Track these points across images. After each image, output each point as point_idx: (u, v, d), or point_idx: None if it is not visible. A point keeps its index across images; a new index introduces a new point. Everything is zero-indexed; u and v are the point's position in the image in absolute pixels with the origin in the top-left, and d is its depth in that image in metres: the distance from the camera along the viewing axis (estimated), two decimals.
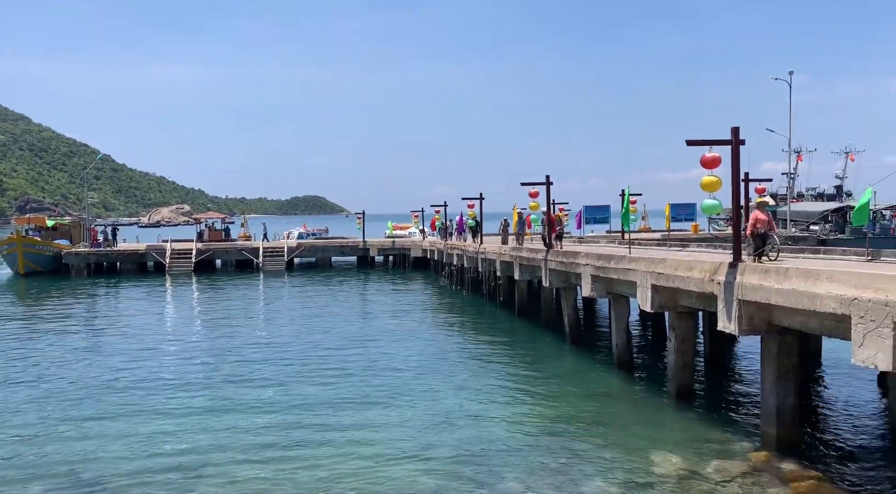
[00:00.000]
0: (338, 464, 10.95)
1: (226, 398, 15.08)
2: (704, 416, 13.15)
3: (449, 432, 12.51)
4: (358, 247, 51.01)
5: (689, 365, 14.63)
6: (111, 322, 26.76)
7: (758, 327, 11.34)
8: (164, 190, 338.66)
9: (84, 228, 53.43)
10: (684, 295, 13.99)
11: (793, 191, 58.92)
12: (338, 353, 19.85)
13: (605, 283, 17.76)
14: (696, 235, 44.25)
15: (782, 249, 18.32)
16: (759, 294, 10.85)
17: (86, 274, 45.50)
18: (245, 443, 12.04)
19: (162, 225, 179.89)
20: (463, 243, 35.98)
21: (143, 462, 11.22)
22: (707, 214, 15.26)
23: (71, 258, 46.38)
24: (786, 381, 11.20)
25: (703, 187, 12.64)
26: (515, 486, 9.99)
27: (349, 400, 14.83)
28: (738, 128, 12.24)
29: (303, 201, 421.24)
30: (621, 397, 15.06)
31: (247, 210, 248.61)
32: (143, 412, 14.11)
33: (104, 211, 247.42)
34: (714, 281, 12.13)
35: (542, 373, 17.29)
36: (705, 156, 12.54)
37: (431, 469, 10.67)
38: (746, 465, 10.49)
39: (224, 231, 54.32)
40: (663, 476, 10.18)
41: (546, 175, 23.28)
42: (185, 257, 47.35)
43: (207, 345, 21.52)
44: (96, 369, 18.16)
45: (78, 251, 47.31)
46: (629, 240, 21.35)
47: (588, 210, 45.27)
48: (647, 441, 11.78)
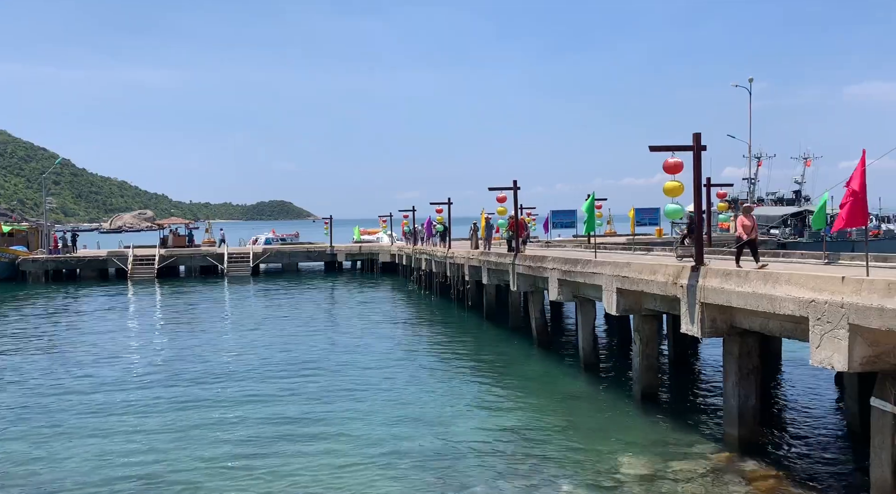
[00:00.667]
0: (302, 471, 10.82)
1: (188, 407, 14.78)
2: (669, 418, 13.33)
3: (416, 437, 12.45)
4: (325, 252, 50.62)
5: (654, 368, 14.82)
6: (68, 330, 26.06)
7: (720, 329, 11.54)
8: (127, 195, 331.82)
9: (42, 234, 52.00)
10: (648, 298, 14.17)
11: (753, 196, 60.29)
12: (304, 360, 19.63)
13: (572, 287, 17.91)
14: (660, 239, 44.98)
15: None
16: (721, 297, 11.05)
17: (44, 282, 44.32)
18: (208, 452, 11.80)
19: (124, 230, 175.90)
20: (431, 248, 35.97)
21: (101, 473, 10.91)
22: (670, 219, 15.50)
23: (28, 265, 45.12)
24: (747, 382, 11.41)
25: (666, 192, 12.84)
26: (482, 491, 9.98)
27: (314, 406, 14.67)
28: (700, 134, 12.47)
29: (269, 206, 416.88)
30: (588, 399, 15.18)
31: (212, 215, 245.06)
32: (102, 423, 13.74)
33: (64, 216, 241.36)
34: (677, 284, 12.32)
35: (509, 377, 17.34)
36: (668, 162, 12.74)
37: (398, 475, 10.61)
38: (709, 466, 10.65)
39: (188, 236, 53.39)
40: (628, 478, 10.27)
41: (513, 180, 23.43)
42: (147, 263, 46.42)
43: (170, 353, 21.08)
44: (52, 380, 17.65)
45: (35, 257, 46.05)
46: (595, 244, 21.58)
47: (555, 214, 45.70)
48: (612, 443, 11.89)
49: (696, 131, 12.44)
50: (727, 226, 49.55)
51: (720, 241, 36.83)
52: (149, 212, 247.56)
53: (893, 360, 8.47)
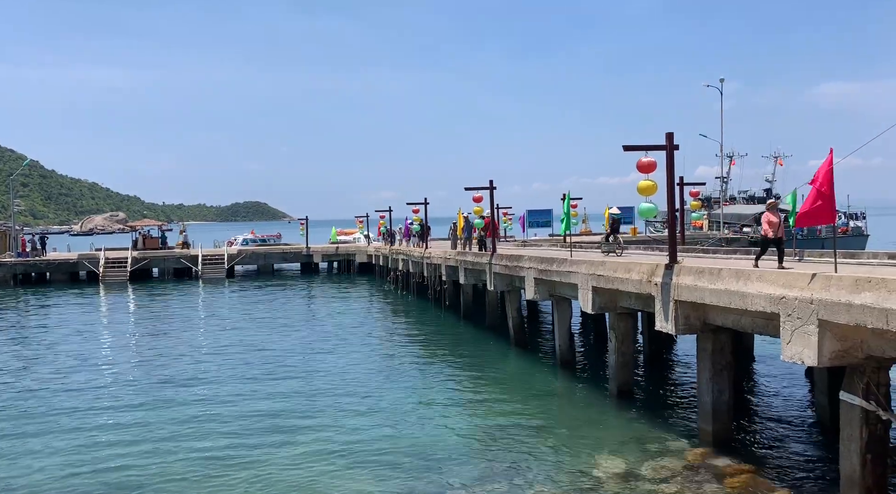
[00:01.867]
0: (280, 474, 10.71)
1: (163, 412, 14.56)
2: (644, 415, 13.45)
3: (393, 437, 12.41)
4: (301, 253, 50.26)
5: (629, 365, 14.95)
6: (38, 334, 25.52)
7: (693, 326, 11.67)
8: (98, 197, 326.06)
9: (10, 237, 50.87)
10: (623, 296, 14.29)
11: (725, 195, 61.15)
12: (279, 361, 19.46)
13: (548, 286, 18.00)
14: (634, 238, 45.40)
15: (716, 251, 18.99)
16: (694, 294, 11.18)
17: (12, 285, 43.39)
18: (185, 458, 11.63)
19: (95, 233, 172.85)
20: (408, 248, 35.91)
21: (73, 481, 10.70)
22: (644, 217, 15.67)
23: None
24: (720, 378, 11.56)
25: (640, 191, 12.96)
26: (460, 490, 9.98)
27: (291, 408, 14.54)
28: (673, 133, 12.59)
29: (243, 207, 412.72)
30: (564, 397, 15.27)
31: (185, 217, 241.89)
32: (74, 427, 13.47)
33: (33, 219, 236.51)
34: (651, 282, 12.44)
35: (486, 376, 17.37)
36: (641, 161, 12.85)
37: (374, 476, 10.56)
38: (684, 462, 10.77)
39: (161, 239, 52.64)
40: (604, 475, 10.34)
41: (489, 179, 23.48)
42: (119, 266, 45.68)
43: (143, 356, 20.76)
44: (21, 384, 17.26)
45: (3, 261, 45.04)
46: (570, 243, 21.71)
47: (531, 214, 45.90)
48: (589, 441, 11.96)
49: (668, 131, 12.58)
50: (700, 223, 50.22)
51: (693, 239, 37.29)
52: (121, 214, 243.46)
53: (861, 355, 8.64)
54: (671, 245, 12.66)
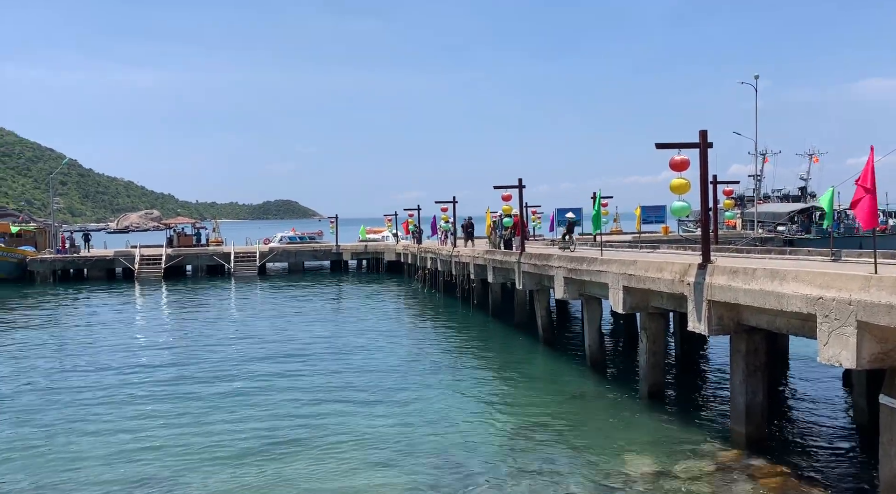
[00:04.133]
0: (309, 472, 10.82)
1: (197, 407, 14.83)
2: (675, 416, 13.30)
3: (421, 435, 12.46)
4: (331, 251, 50.70)
5: (661, 366, 14.79)
6: (76, 330, 26.18)
7: (727, 327, 11.50)
8: (133, 195, 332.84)
9: (50, 234, 52.27)
10: (655, 296, 14.14)
11: (759, 193, 60.09)
12: (310, 359, 19.67)
13: (578, 285, 17.88)
14: (666, 237, 44.86)
15: (750, 250, 18.68)
16: (728, 294, 11.01)
17: (51, 282, 44.56)
18: (216, 452, 11.83)
19: (131, 230, 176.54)
20: (437, 246, 35.99)
21: (108, 474, 10.96)
22: (676, 216, 15.48)
23: (36, 265, 45.36)
24: (754, 380, 11.37)
25: (673, 189, 12.80)
26: (488, 491, 9.98)
27: (321, 406, 14.67)
28: (706, 131, 12.42)
29: (274, 205, 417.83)
30: (594, 398, 15.17)
31: (218, 215, 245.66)
32: (112, 422, 13.80)
33: (71, 217, 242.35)
34: (684, 282, 12.29)
35: (515, 374, 17.34)
36: (674, 159, 12.70)
37: (402, 473, 10.61)
38: (716, 464, 10.62)
39: (195, 236, 53.57)
40: (635, 476, 10.26)
41: (518, 178, 23.38)
42: (154, 263, 46.59)
43: (178, 353, 21.16)
44: (59, 378, 17.74)
45: (43, 257, 46.29)
46: (601, 242, 21.55)
47: (560, 213, 45.53)
48: (619, 441, 11.87)
49: (701, 129, 12.41)
50: (733, 223, 49.43)
51: (726, 239, 36.71)
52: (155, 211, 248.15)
53: None
54: (704, 244, 12.49)
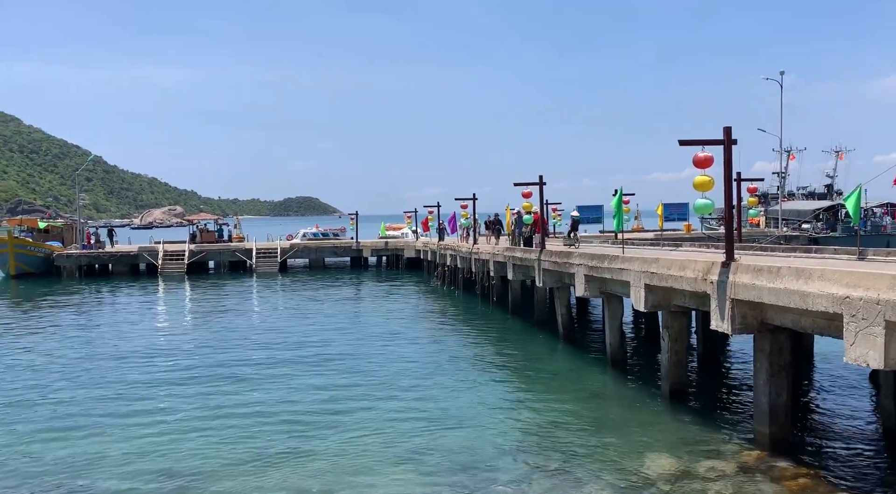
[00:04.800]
0: (324, 465, 10.88)
1: (219, 402, 14.98)
2: (698, 415, 13.18)
3: (441, 432, 12.47)
4: (351, 247, 50.93)
5: (683, 364, 14.65)
6: (100, 324, 26.59)
7: (750, 326, 11.36)
8: (157, 191, 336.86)
9: (76, 230, 53.13)
10: (677, 294, 14.01)
11: (784, 191, 59.26)
12: (328, 355, 19.78)
13: (599, 283, 17.78)
14: (688, 235, 44.41)
15: (774, 248, 18.42)
16: (752, 293, 10.88)
17: (77, 276, 45.27)
18: (238, 447, 11.95)
19: (154, 226, 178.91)
20: (456, 243, 35.98)
21: (135, 466, 11.13)
22: (699, 214, 15.32)
23: (62, 260, 46.13)
24: (778, 379, 11.22)
25: (696, 187, 12.66)
26: (508, 489, 9.96)
27: (337, 400, 14.75)
28: (731, 127, 12.27)
29: (296, 202, 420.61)
30: (615, 396, 15.07)
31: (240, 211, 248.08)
32: (134, 416, 14.00)
33: (96, 212, 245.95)
34: (707, 280, 12.16)
35: (535, 372, 17.29)
36: (698, 156, 12.56)
37: (422, 471, 10.62)
38: (739, 465, 10.50)
39: (218, 232, 54.13)
40: (656, 477, 10.18)
41: (539, 175, 23.28)
42: (177, 258, 47.15)
43: (200, 348, 21.41)
44: (84, 373, 18.03)
45: (69, 253, 47.05)
46: (622, 239, 21.39)
47: (581, 210, 45.32)
48: (640, 441, 11.79)
49: (725, 125, 12.25)
50: (757, 220, 48.79)
51: (750, 237, 36.25)
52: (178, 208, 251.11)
53: None
54: (728, 242, 12.35)
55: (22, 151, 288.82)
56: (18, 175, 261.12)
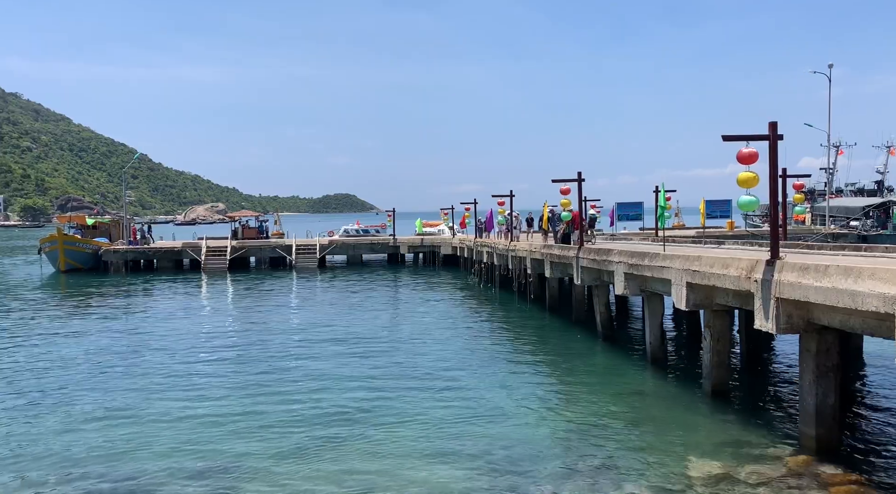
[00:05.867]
0: (365, 463, 10.94)
1: (259, 392, 15.24)
2: (741, 416, 12.91)
3: (479, 431, 12.46)
4: (388, 244, 51.25)
5: (725, 364, 14.37)
6: (146, 317, 27.30)
7: (796, 325, 11.07)
8: (200, 188, 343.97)
9: (122, 226, 54.66)
10: (720, 292, 13.74)
11: (831, 187, 57.60)
12: (365, 350, 19.94)
13: (639, 281, 17.54)
14: (731, 232, 43.50)
15: (821, 247, 17.92)
16: (798, 292, 10.60)
17: (124, 272, 46.55)
18: (277, 437, 12.14)
19: (197, 223, 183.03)
20: (493, 240, 35.91)
21: (177, 454, 11.40)
22: (744, 211, 14.96)
23: (109, 255, 47.49)
24: (825, 381, 10.92)
25: (740, 183, 12.38)
26: (546, 488, 9.91)
27: (374, 396, 14.83)
28: (776, 122, 11.97)
29: (334, 199, 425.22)
30: (655, 395, 14.87)
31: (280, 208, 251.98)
32: (178, 404, 14.33)
33: (141, 209, 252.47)
34: (751, 278, 11.89)
35: (573, 370, 17.16)
36: (742, 152, 12.28)
37: (460, 469, 10.61)
38: (784, 468, 10.26)
39: (259, 228, 55.07)
40: (698, 478, 10.01)
41: (578, 171, 23.07)
42: (220, 254, 48.10)
43: (242, 341, 21.82)
44: (130, 362, 18.54)
45: (116, 248, 48.41)
46: (664, 237, 21.07)
47: (621, 207, 44.80)
48: (681, 441, 11.60)
49: (769, 120, 11.95)
50: (803, 218, 47.52)
51: (795, 234, 35.34)
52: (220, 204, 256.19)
53: None
54: (773, 240, 12.05)
55: (72, 150, 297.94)
56: (68, 172, 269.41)
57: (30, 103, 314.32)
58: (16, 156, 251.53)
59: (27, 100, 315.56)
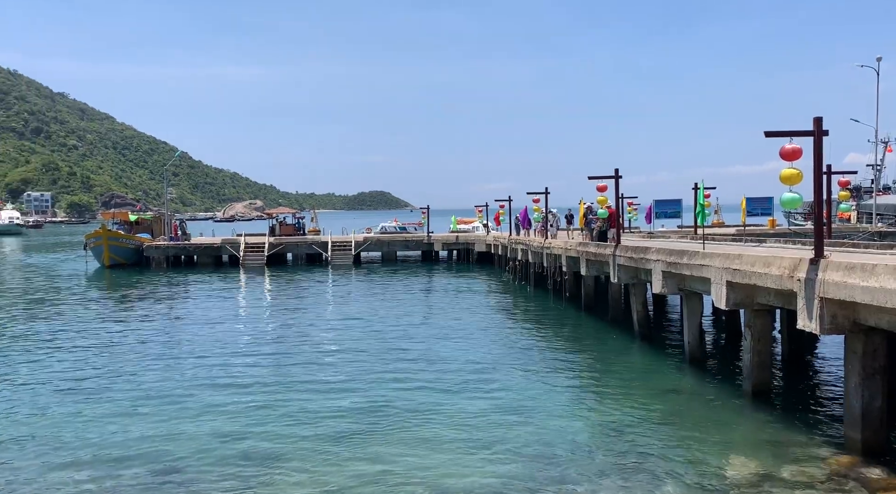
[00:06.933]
0: (400, 460, 10.99)
1: (294, 386, 15.48)
2: (782, 417, 12.67)
3: (512, 428, 12.47)
4: (422, 241, 51.43)
5: (766, 365, 14.11)
6: (187, 311, 27.93)
7: (841, 326, 10.82)
8: (238, 185, 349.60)
9: (164, 223, 55.97)
10: (761, 292, 13.49)
11: (879, 184, 55.93)
12: (400, 346, 20.08)
13: (677, 279, 17.31)
14: (772, 230, 42.58)
15: (868, 245, 17.43)
16: (843, 291, 10.35)
17: (165, 267, 47.65)
18: (311, 436, 12.28)
19: (236, 219, 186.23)
20: (528, 238, 35.77)
21: (214, 444, 11.65)
22: (786, 208, 14.63)
23: (151, 251, 48.67)
24: (872, 383, 10.65)
25: (783, 180, 12.14)
26: (582, 487, 9.88)
27: (407, 393, 14.90)
28: (821, 117, 11.69)
29: (369, 196, 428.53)
30: (693, 395, 14.67)
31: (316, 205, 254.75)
32: (216, 396, 14.65)
33: (182, 206, 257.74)
34: (794, 277, 11.65)
35: (609, 369, 17.03)
36: (785, 148, 12.04)
37: (495, 467, 10.61)
38: (828, 470, 10.05)
39: (296, 225, 55.82)
40: (738, 478, 9.87)
41: (615, 168, 22.84)
42: (258, 251, 48.88)
43: (281, 334, 22.18)
44: (172, 357, 19.00)
45: (158, 244, 49.60)
46: (703, 235, 20.75)
47: (658, 204, 44.21)
48: (720, 441, 11.45)
49: (813, 116, 11.67)
50: (848, 215, 46.22)
51: (840, 233, 34.41)
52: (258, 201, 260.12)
53: None
54: (817, 238, 11.78)
55: (115, 148, 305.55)
56: (112, 170, 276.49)
57: (76, 103, 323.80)
58: (63, 154, 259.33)
59: (73, 99, 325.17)
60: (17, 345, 20.98)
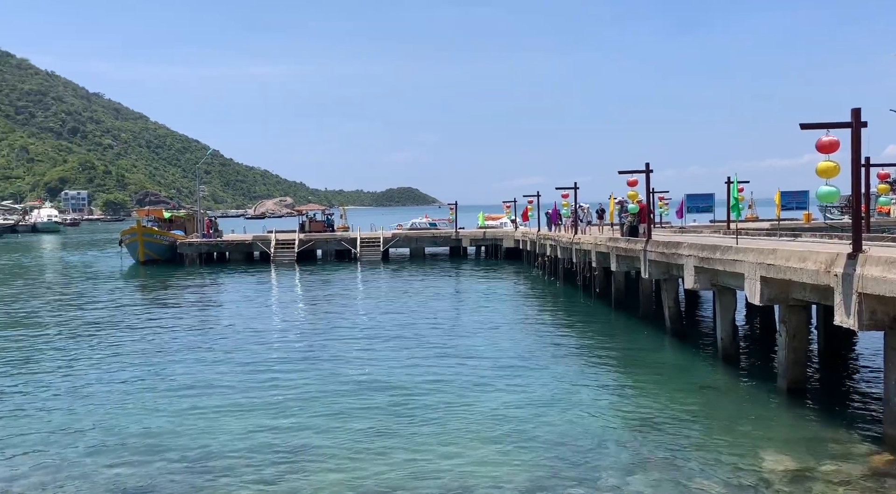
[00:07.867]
0: (429, 455, 11.02)
1: (324, 380, 15.66)
2: (818, 414, 12.46)
3: (543, 423, 12.46)
4: (450, 237, 51.49)
5: (802, 361, 13.88)
6: (219, 306, 28.42)
7: (880, 322, 10.60)
8: (268, 183, 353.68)
9: (196, 220, 56.92)
10: (796, 287, 13.27)
11: None
12: (432, 341, 20.16)
13: (710, 275, 17.09)
14: (808, 224, 41.71)
15: None
16: (883, 287, 10.14)
17: (198, 263, 48.49)
18: (339, 424, 12.43)
19: (267, 216, 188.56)
20: (557, 233, 35.59)
21: (245, 438, 11.86)
22: (823, 202, 14.36)
23: (184, 247, 49.55)
24: None
25: (819, 173, 11.90)
26: (614, 482, 9.84)
27: (441, 390, 14.92)
28: (859, 109, 11.45)
29: (397, 193, 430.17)
30: (726, 391, 14.50)
31: (345, 201, 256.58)
32: (246, 391, 14.90)
33: (214, 203, 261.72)
34: (830, 272, 11.44)
35: (641, 365, 16.90)
36: (822, 140, 11.80)
37: (525, 463, 10.61)
38: (867, 468, 9.86)
39: (326, 222, 56.31)
40: (773, 475, 9.74)
41: (646, 163, 22.60)
42: (288, 247, 49.44)
43: (309, 330, 22.44)
44: (207, 351, 19.35)
45: (191, 241, 50.48)
46: (737, 229, 20.45)
47: (691, 198, 43.54)
48: (755, 437, 11.30)
49: (854, 106, 11.43)
50: (887, 209, 45.08)
51: (879, 227, 33.57)
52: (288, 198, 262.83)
53: None
54: (855, 232, 11.55)
55: (149, 146, 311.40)
56: (146, 168, 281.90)
57: (111, 103, 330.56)
58: (98, 153, 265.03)
59: (108, 99, 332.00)
60: (58, 341, 21.56)
